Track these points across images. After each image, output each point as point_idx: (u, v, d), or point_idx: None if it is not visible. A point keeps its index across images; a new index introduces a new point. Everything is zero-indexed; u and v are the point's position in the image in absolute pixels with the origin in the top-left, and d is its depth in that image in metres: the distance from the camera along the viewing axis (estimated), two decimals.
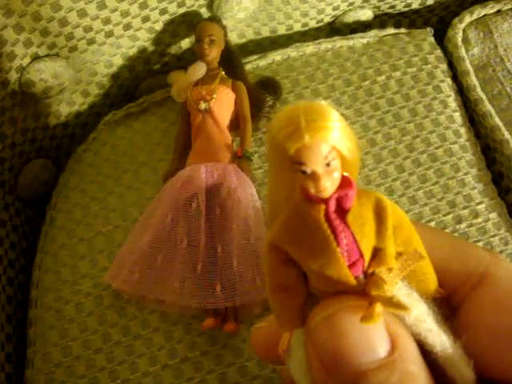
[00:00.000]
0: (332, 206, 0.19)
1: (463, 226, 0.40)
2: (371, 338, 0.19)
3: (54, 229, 0.42)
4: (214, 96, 0.41)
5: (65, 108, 0.46)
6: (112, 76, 0.46)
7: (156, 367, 0.37)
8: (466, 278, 0.23)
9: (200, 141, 0.41)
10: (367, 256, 0.19)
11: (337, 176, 0.18)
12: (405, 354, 0.19)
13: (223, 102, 0.42)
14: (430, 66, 0.45)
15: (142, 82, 0.49)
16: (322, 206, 0.19)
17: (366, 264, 0.19)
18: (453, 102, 0.44)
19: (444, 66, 0.45)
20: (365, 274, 0.19)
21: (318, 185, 0.18)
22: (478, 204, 0.41)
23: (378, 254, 0.19)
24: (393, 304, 0.19)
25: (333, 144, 0.18)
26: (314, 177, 0.18)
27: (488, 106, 0.43)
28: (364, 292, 0.19)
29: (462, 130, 0.43)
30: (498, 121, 0.43)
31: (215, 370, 0.36)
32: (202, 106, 0.41)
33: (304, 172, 0.18)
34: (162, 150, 0.44)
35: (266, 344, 0.25)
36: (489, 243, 0.39)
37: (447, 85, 0.45)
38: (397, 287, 0.20)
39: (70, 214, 0.42)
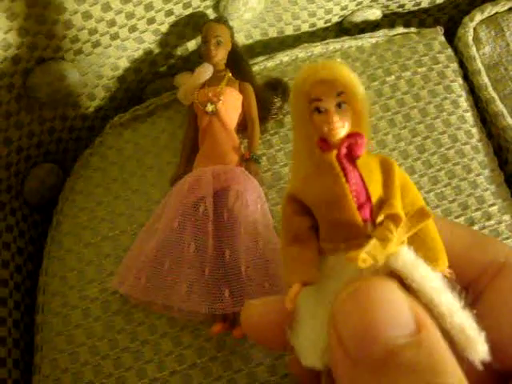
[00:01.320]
0: (343, 150, 0.21)
1: (476, 228, 0.39)
2: (397, 311, 0.19)
3: (61, 234, 0.42)
4: (221, 98, 0.41)
5: (71, 112, 0.45)
6: (118, 79, 0.46)
7: (164, 373, 0.36)
8: (486, 266, 0.23)
9: (207, 143, 0.41)
10: (374, 199, 0.21)
11: (347, 124, 0.21)
12: (431, 336, 0.19)
13: (230, 104, 0.41)
14: (440, 65, 0.44)
15: (148, 85, 0.48)
16: (334, 152, 0.21)
17: (374, 209, 0.21)
18: (464, 102, 0.43)
19: (455, 66, 0.45)
20: (373, 223, 0.21)
21: (331, 121, 0.21)
22: (491, 206, 0.40)
23: (385, 203, 0.21)
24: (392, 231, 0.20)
25: (344, 84, 0.21)
26: (327, 114, 0.21)
27: (500, 106, 0.43)
28: (369, 238, 0.20)
29: (474, 131, 0.42)
30: (510, 121, 0.42)
31: (224, 375, 0.36)
32: (209, 108, 0.41)
33: (319, 111, 0.21)
34: (169, 153, 0.43)
35: (258, 322, 0.25)
36: None
37: (458, 84, 0.44)
38: (402, 252, 0.21)
39: (76, 218, 0.42)
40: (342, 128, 0.21)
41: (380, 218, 0.21)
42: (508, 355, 0.22)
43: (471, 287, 0.23)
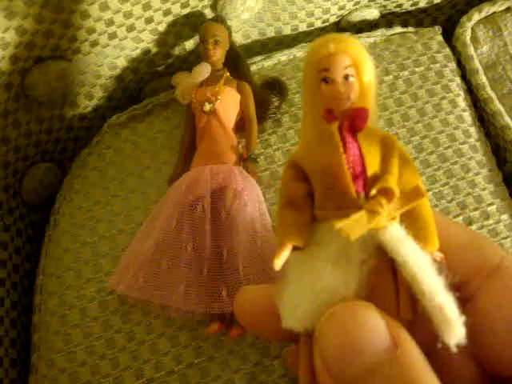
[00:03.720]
0: (345, 122, 0.22)
1: (474, 227, 0.39)
2: (373, 331, 0.19)
3: (58, 233, 0.42)
4: (219, 97, 0.41)
5: (69, 111, 0.45)
6: (116, 78, 0.46)
7: (161, 373, 0.36)
8: (481, 266, 0.23)
9: (205, 143, 0.41)
10: (370, 172, 0.22)
11: (352, 96, 0.22)
12: (408, 352, 0.19)
13: (228, 104, 0.41)
14: (438, 64, 0.44)
15: (146, 84, 0.48)
16: (337, 122, 0.22)
17: (369, 182, 0.22)
18: (462, 102, 0.43)
19: (453, 65, 0.45)
20: (366, 196, 0.22)
21: (336, 91, 0.22)
22: (489, 205, 0.40)
23: (380, 178, 0.22)
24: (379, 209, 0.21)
25: (353, 57, 0.22)
26: (333, 85, 0.22)
27: (498, 105, 0.43)
28: (360, 209, 0.21)
29: (472, 130, 0.42)
30: (508, 120, 0.42)
31: (221, 375, 0.36)
32: (207, 107, 0.41)
33: (326, 81, 0.22)
34: (166, 152, 0.43)
35: (250, 306, 0.26)
36: (500, 245, 0.39)
37: (456, 84, 0.44)
38: (392, 227, 0.21)
39: (73, 217, 0.42)
40: (346, 100, 0.22)
41: (373, 192, 0.21)
42: (501, 359, 0.22)
43: (463, 287, 0.23)
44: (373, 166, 0.22)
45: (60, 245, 0.41)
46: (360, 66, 0.22)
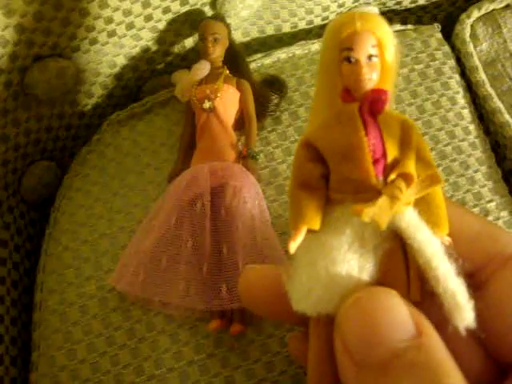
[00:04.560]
0: (366, 104, 0.21)
1: None
2: (398, 317, 0.20)
3: (58, 231, 0.42)
4: (219, 95, 0.41)
5: (68, 109, 0.45)
6: (115, 76, 0.46)
7: (161, 370, 0.36)
8: (493, 255, 0.23)
9: (205, 140, 0.41)
10: (389, 157, 0.21)
11: (375, 77, 0.21)
12: (431, 339, 0.20)
13: (228, 101, 0.41)
14: (437, 62, 0.44)
15: (145, 82, 0.48)
16: (357, 104, 0.21)
17: (388, 166, 0.21)
18: (461, 99, 0.43)
19: (452, 63, 0.45)
20: (384, 180, 0.21)
21: (360, 73, 0.21)
22: (489, 202, 0.40)
23: (399, 162, 0.21)
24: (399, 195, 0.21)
25: (379, 37, 0.21)
26: (356, 65, 0.21)
27: (497, 103, 0.43)
28: (379, 194, 0.21)
29: (471, 127, 0.42)
30: (507, 117, 0.42)
31: (221, 372, 0.36)
32: (207, 105, 0.41)
33: (349, 61, 0.21)
34: (166, 150, 0.43)
35: (255, 285, 0.26)
36: None
37: (455, 81, 0.44)
38: (408, 212, 0.21)
39: (73, 215, 0.42)
40: (369, 81, 0.21)
41: (392, 176, 0.21)
42: (509, 346, 0.22)
43: (476, 275, 0.23)
44: (392, 150, 0.21)
45: (60, 243, 0.41)
46: (385, 46, 0.21)
